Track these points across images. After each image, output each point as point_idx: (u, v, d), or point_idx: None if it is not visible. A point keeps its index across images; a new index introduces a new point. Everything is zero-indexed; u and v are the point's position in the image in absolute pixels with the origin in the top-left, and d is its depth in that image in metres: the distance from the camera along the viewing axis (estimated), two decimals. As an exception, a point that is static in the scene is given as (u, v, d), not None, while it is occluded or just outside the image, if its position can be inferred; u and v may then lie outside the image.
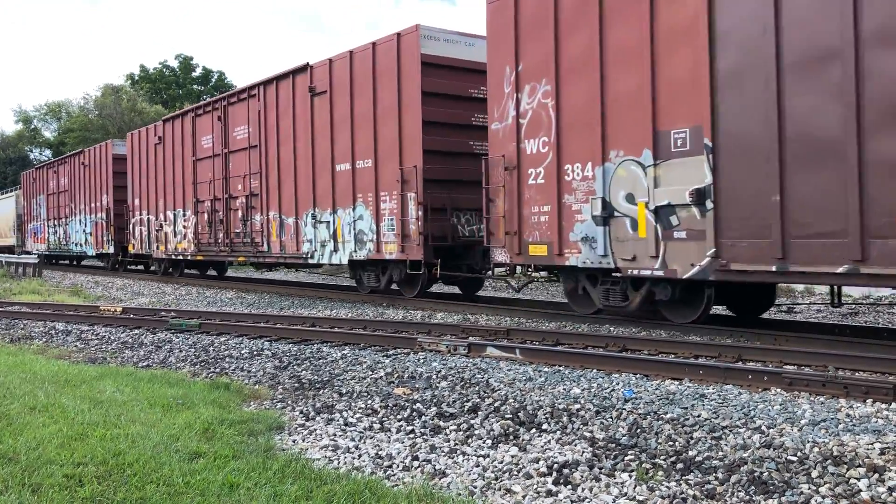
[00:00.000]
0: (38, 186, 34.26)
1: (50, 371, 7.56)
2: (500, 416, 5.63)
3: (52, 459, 4.52)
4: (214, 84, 59.71)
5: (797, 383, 6.23)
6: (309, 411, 6.01)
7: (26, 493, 3.98)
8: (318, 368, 7.80)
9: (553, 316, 11.46)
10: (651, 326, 10.11)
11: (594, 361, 7.50)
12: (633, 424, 5.27)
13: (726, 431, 5.05)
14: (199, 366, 8.29)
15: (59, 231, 31.67)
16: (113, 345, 9.96)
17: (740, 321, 10.47)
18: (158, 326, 11.29)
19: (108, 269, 27.91)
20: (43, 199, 33.36)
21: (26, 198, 36.08)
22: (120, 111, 49.26)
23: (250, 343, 9.59)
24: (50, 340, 10.48)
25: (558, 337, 9.06)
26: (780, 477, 4.15)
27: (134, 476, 4.24)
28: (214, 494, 3.99)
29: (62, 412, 5.71)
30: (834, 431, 4.95)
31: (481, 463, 4.63)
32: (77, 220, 29.55)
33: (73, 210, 29.87)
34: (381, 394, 6.53)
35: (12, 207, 38.63)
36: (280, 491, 4.04)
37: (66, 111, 60.19)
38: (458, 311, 12.69)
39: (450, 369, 7.46)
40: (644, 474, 4.31)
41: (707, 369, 6.81)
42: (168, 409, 5.88)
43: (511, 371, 7.31)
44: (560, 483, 4.24)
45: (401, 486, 4.23)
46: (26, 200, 36.08)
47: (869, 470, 4.14)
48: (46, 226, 33.06)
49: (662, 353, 8.00)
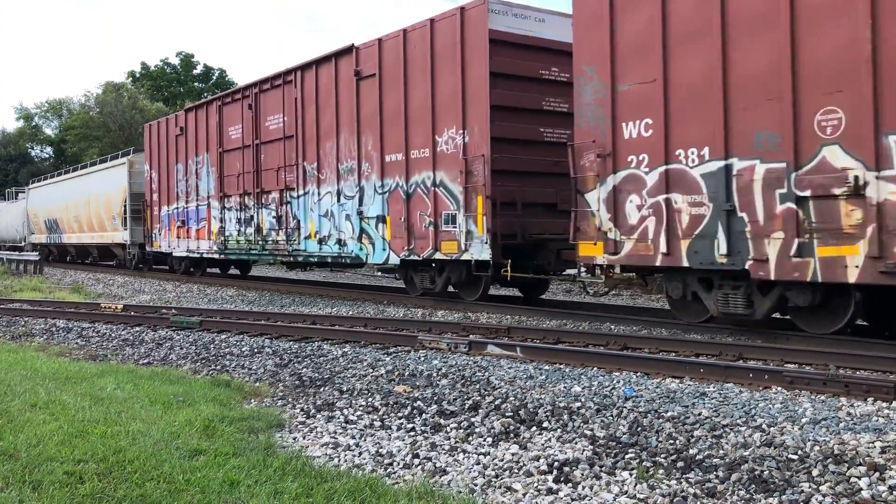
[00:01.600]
0: (189, 141, 20.39)
1: (51, 368, 7.56)
2: (500, 414, 5.63)
3: (52, 456, 4.52)
4: (215, 82, 59.71)
5: (798, 382, 6.22)
6: (309, 409, 6.01)
7: (27, 490, 3.99)
8: (319, 366, 7.80)
9: (554, 314, 11.45)
10: (652, 325, 10.10)
11: (595, 360, 7.49)
12: (633, 423, 5.27)
13: (727, 430, 5.04)
14: (200, 363, 8.29)
15: (258, 217, 17.44)
16: (114, 342, 9.97)
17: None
18: (159, 324, 11.29)
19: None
20: (204, 163, 19.72)
21: (154, 163, 22.64)
22: (121, 109, 49.24)
23: (251, 341, 9.59)
24: (51, 338, 10.48)
25: (559, 335, 9.06)
26: (781, 475, 4.14)
27: (134, 473, 4.25)
28: (215, 492, 3.99)
29: (63, 409, 5.72)
30: (835, 430, 4.94)
31: (482, 461, 4.63)
32: (313, 197, 15.71)
33: (301, 177, 16.04)
34: (382, 391, 6.53)
35: (121, 182, 25.40)
36: (280, 488, 4.04)
37: (67, 108, 60.18)
38: (458, 309, 12.68)
39: (450, 367, 7.46)
40: (644, 472, 4.31)
41: (708, 368, 6.80)
42: (169, 407, 5.88)
43: (512, 369, 7.31)
44: (560, 481, 4.24)
45: (401, 484, 4.23)
46: (155, 167, 22.60)
47: (870, 468, 4.14)
48: (214, 209, 19.30)
49: (663, 352, 7.99)
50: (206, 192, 19.72)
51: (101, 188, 27.20)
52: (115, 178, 26.07)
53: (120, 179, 25.70)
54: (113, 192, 26.17)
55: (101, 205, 27.31)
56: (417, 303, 13.57)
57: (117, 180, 25.87)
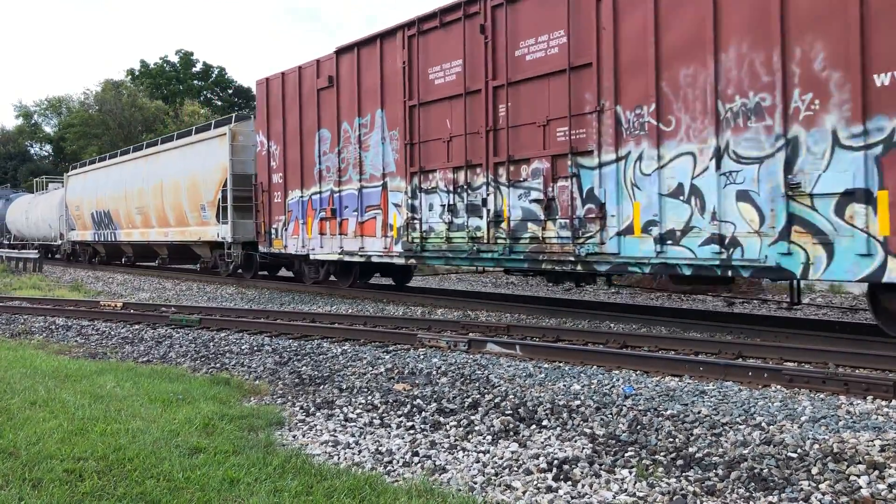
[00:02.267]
0: (346, 95, 14.29)
1: (50, 366, 7.56)
2: (500, 412, 5.63)
3: (52, 454, 4.52)
4: (215, 80, 59.69)
5: (797, 380, 6.23)
6: (309, 407, 6.01)
7: (27, 488, 3.99)
8: (319, 364, 7.80)
9: (553, 312, 11.45)
10: (651, 323, 10.10)
11: (594, 358, 7.50)
12: (633, 421, 5.27)
13: (726, 428, 5.05)
14: (200, 361, 8.29)
15: (496, 201, 11.22)
16: (113, 340, 9.96)
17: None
18: (159, 322, 11.29)
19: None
20: (375, 126, 13.56)
21: (276, 132, 16.40)
22: (120, 106, 49.20)
23: (251, 339, 9.59)
24: (50, 335, 10.48)
25: (558, 333, 9.06)
26: (780, 474, 4.15)
27: (134, 471, 4.25)
28: (215, 490, 3.99)
29: (63, 407, 5.72)
30: (834, 428, 4.95)
31: (481, 459, 4.64)
32: (642, 163, 9.39)
33: (610, 132, 9.68)
34: (382, 390, 6.53)
35: (217, 161, 18.73)
36: (280, 486, 4.04)
37: (66, 106, 60.16)
38: (458, 307, 12.68)
39: (450, 365, 7.46)
40: (644, 470, 4.31)
41: (707, 366, 6.81)
42: (168, 405, 5.88)
43: (511, 367, 7.32)
44: (560, 479, 4.24)
45: (401, 482, 4.23)
46: (277, 138, 16.35)
47: (869, 467, 4.14)
48: (395, 193, 13.13)
49: (662, 350, 8.00)
50: (378, 167, 13.49)
51: (184, 170, 20.44)
52: (208, 156, 19.14)
53: (215, 157, 18.74)
54: (202, 174, 19.37)
55: (181, 192, 20.52)
56: (417, 301, 13.46)
57: (211, 158, 18.97)
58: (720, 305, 13.45)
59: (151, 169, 22.54)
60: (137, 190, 23.31)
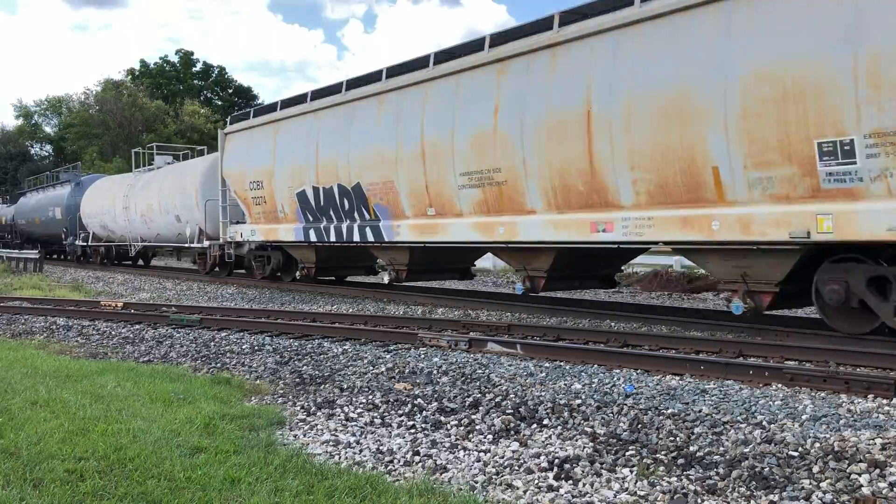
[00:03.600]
0: None
1: (51, 366, 7.56)
2: (501, 411, 5.63)
3: (53, 454, 4.52)
4: (215, 79, 59.71)
5: (798, 379, 6.22)
6: (310, 406, 6.01)
7: (28, 488, 3.98)
8: (319, 364, 7.80)
9: (554, 311, 11.45)
10: (652, 322, 10.10)
11: (595, 357, 7.49)
12: (634, 420, 5.27)
13: (727, 427, 5.04)
14: (200, 361, 8.29)
15: None
16: (114, 340, 9.97)
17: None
18: (159, 321, 11.29)
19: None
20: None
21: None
22: (120, 106, 49.23)
23: (251, 338, 9.59)
24: (51, 335, 10.48)
25: (559, 332, 9.06)
26: (781, 472, 4.14)
27: (135, 471, 4.24)
28: (216, 489, 3.99)
29: (63, 407, 5.71)
30: (835, 427, 4.95)
31: (482, 458, 4.63)
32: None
33: None
34: (382, 389, 6.53)
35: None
36: (281, 486, 4.04)
37: (66, 106, 60.17)
38: (458, 306, 12.68)
39: (451, 364, 7.46)
40: (645, 469, 4.31)
41: (708, 365, 6.81)
42: (169, 404, 5.88)
43: (512, 366, 7.32)
44: (561, 478, 4.24)
45: (402, 481, 4.23)
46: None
47: (870, 465, 4.14)
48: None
49: (663, 349, 8.00)
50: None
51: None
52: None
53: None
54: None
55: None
56: (417, 300, 13.51)
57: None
58: (721, 304, 13.44)
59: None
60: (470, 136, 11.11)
